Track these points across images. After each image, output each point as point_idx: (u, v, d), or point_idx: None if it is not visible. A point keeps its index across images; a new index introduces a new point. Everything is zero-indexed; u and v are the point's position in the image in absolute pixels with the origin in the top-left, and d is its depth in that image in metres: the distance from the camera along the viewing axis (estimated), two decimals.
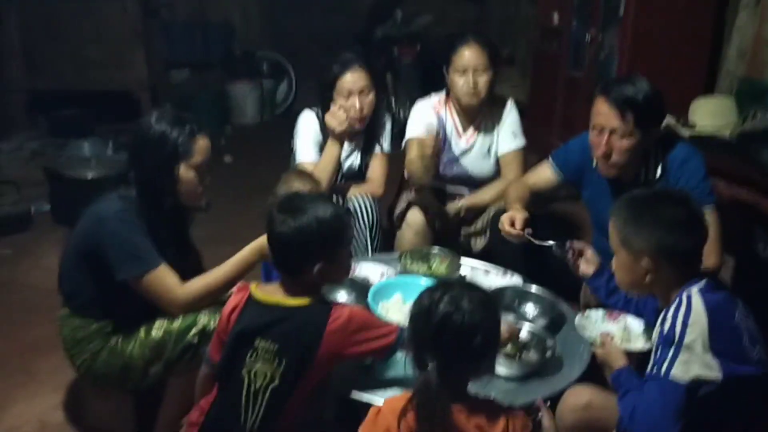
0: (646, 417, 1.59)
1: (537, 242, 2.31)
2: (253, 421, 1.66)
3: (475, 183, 3.01)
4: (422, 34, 6.20)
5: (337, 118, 2.78)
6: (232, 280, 2.04)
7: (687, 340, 1.59)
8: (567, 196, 3.78)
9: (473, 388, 1.54)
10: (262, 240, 2.01)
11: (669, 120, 3.43)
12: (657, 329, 1.68)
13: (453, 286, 1.54)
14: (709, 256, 2.13)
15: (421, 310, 1.51)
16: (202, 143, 2.08)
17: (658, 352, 1.63)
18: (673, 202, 1.76)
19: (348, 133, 2.84)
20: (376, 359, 1.84)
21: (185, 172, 2.06)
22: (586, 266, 2.11)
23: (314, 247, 1.68)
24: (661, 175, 2.32)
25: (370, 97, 2.86)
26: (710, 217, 2.13)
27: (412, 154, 2.79)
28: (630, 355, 1.82)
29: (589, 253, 2.12)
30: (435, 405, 1.45)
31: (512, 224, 2.38)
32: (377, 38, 6.08)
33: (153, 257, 1.98)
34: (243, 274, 2.05)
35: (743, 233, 3.10)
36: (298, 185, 2.29)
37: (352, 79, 2.81)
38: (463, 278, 2.40)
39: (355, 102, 2.81)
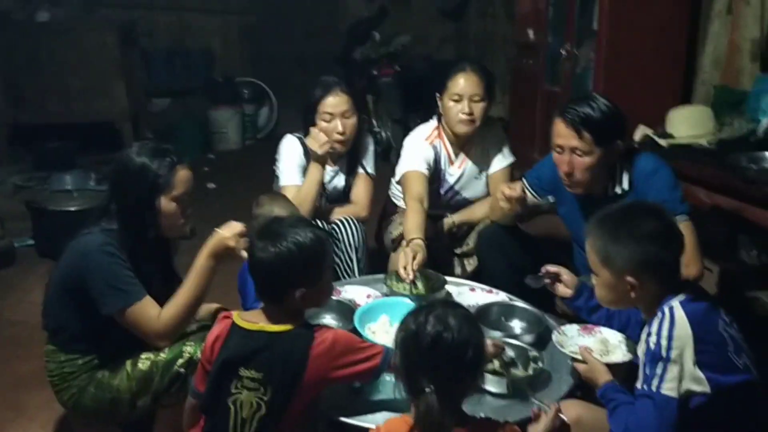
0: None
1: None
2: None
3: (468, 205, 3.03)
4: (401, 54, 6.25)
5: (318, 140, 2.79)
6: (198, 293, 2.02)
7: (674, 354, 1.60)
8: (550, 209, 3.81)
9: (466, 407, 1.54)
10: (210, 243, 2.00)
11: (646, 131, 3.48)
12: (642, 344, 1.68)
13: (434, 306, 1.55)
14: (690, 266, 2.16)
15: (409, 335, 1.51)
16: (183, 174, 2.07)
17: (647, 369, 1.63)
18: (647, 214, 1.77)
19: (330, 155, 2.85)
20: (363, 382, 1.83)
21: (166, 204, 2.04)
22: (565, 289, 2.12)
23: (295, 273, 1.67)
24: (629, 188, 2.36)
25: (352, 119, 2.87)
26: (685, 226, 2.15)
27: (415, 191, 2.75)
28: (612, 367, 1.83)
29: (565, 275, 2.13)
30: (440, 430, 1.45)
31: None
32: (357, 60, 6.12)
33: (136, 290, 1.97)
34: (207, 282, 2.03)
35: (726, 241, 3.13)
36: (278, 209, 2.30)
37: (334, 102, 2.83)
38: (448, 297, 2.40)
39: (338, 125, 2.83)
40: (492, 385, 1.89)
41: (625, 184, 2.36)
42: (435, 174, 2.90)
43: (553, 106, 4.73)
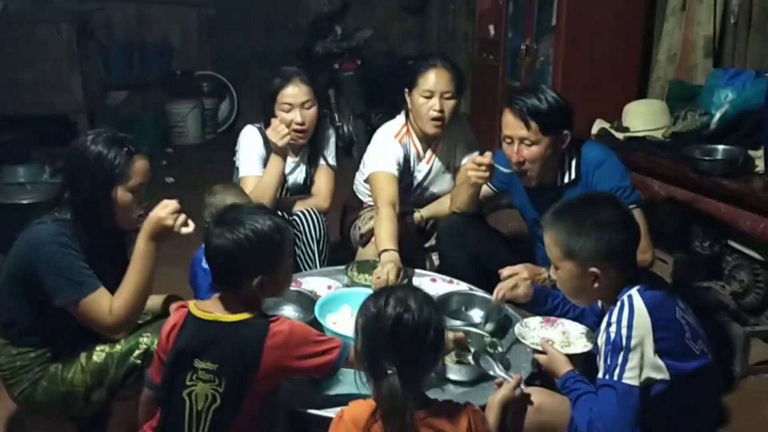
0: (606, 425, 1.61)
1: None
2: None
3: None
4: (363, 48, 6.24)
5: (278, 132, 2.76)
6: (144, 278, 1.97)
7: (633, 343, 1.62)
8: (508, 204, 3.85)
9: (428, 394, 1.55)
10: (146, 225, 1.96)
11: (603, 124, 3.54)
12: (602, 334, 1.70)
13: (394, 289, 1.56)
14: (645, 252, 2.22)
15: (370, 318, 1.51)
16: (140, 164, 2.01)
17: (608, 360, 1.65)
18: (605, 204, 1.81)
19: (291, 147, 2.82)
20: (320, 377, 1.80)
21: (122, 195, 1.99)
22: (524, 298, 2.14)
23: (253, 260, 1.65)
24: (576, 178, 2.41)
25: (312, 110, 2.85)
26: (637, 214, 2.19)
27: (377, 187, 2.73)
28: (572, 358, 1.84)
29: (520, 289, 2.13)
30: (403, 412, 1.45)
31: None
32: (318, 54, 6.08)
33: (90, 281, 1.93)
34: (151, 266, 1.97)
35: (680, 232, 3.20)
36: (230, 198, 2.26)
37: (293, 92, 2.80)
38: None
39: (297, 115, 2.80)
40: (454, 373, 1.90)
41: (573, 174, 2.41)
42: (404, 171, 2.86)
43: None
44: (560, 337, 1.99)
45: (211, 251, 1.69)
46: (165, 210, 1.96)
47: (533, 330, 2.02)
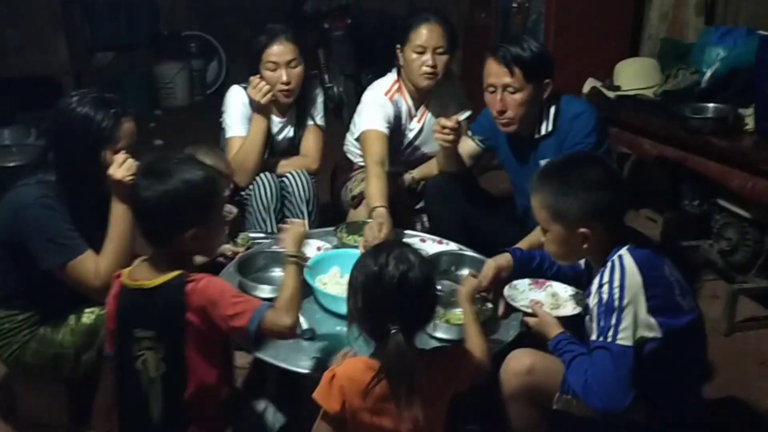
0: (602, 386, 1.61)
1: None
2: (159, 410, 1.63)
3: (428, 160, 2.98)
4: (352, 7, 6.13)
5: (259, 89, 2.72)
6: (124, 238, 1.95)
7: (626, 302, 1.62)
8: (498, 165, 3.84)
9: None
10: (111, 188, 1.93)
11: (595, 83, 3.51)
12: (594, 295, 1.69)
13: (390, 246, 1.54)
14: None
15: (371, 277, 1.49)
16: (127, 126, 1.98)
17: (602, 321, 1.65)
18: (589, 164, 1.80)
19: (277, 106, 2.78)
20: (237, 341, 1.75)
21: (110, 158, 1.95)
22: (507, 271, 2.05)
23: (186, 211, 1.61)
24: (553, 129, 2.44)
25: (298, 69, 2.80)
26: None
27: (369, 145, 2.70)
28: (561, 320, 1.84)
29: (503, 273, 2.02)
30: (412, 369, 1.45)
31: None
32: (307, 13, 5.97)
33: (76, 244, 1.91)
34: (128, 225, 1.95)
35: (670, 190, 3.21)
36: (201, 157, 2.22)
37: (279, 50, 2.75)
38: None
39: (282, 74, 2.76)
40: (442, 332, 1.91)
41: (551, 126, 2.44)
42: (396, 130, 2.84)
43: None
44: (549, 300, 1.98)
45: (140, 204, 1.64)
46: (121, 170, 1.92)
47: (522, 292, 2.01)
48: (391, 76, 2.89)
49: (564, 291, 2.02)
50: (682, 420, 1.76)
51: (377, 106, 2.80)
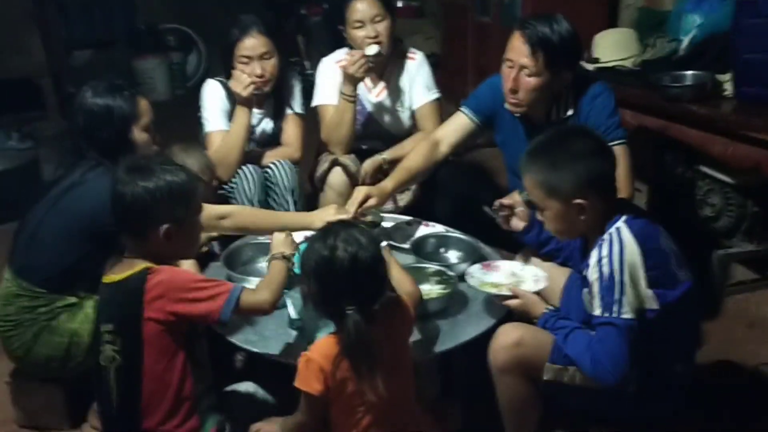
0: (612, 362, 1.62)
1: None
2: (114, 403, 1.67)
3: (392, 139, 2.99)
4: None
5: (241, 82, 2.71)
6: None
7: (626, 276, 1.63)
8: (485, 143, 3.83)
9: None
10: None
11: None
12: (593, 269, 1.68)
13: (336, 230, 1.57)
14: (622, 190, 2.18)
15: (323, 261, 1.52)
16: (144, 103, 2.16)
17: (604, 296, 1.65)
18: (574, 136, 1.80)
19: (255, 97, 2.77)
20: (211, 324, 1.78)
21: (139, 135, 2.13)
22: (518, 223, 2.12)
23: (160, 207, 1.65)
24: (572, 114, 2.34)
25: (272, 60, 2.79)
26: (620, 150, 2.18)
27: (329, 121, 2.76)
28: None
29: (520, 209, 2.12)
30: (370, 345, 1.49)
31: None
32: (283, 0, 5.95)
33: None
34: None
35: (653, 160, 3.22)
36: (190, 161, 2.30)
37: (251, 44, 2.74)
38: (383, 232, 2.41)
39: (255, 68, 2.75)
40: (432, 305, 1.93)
41: (570, 111, 2.35)
42: None
43: (485, 39, 4.74)
44: (510, 279, 1.99)
45: (117, 197, 1.68)
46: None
47: (478, 278, 1.99)
48: (343, 51, 2.92)
49: (517, 267, 2.03)
50: (672, 386, 1.78)
51: (329, 77, 2.89)
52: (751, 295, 2.85)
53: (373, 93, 2.95)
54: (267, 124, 2.96)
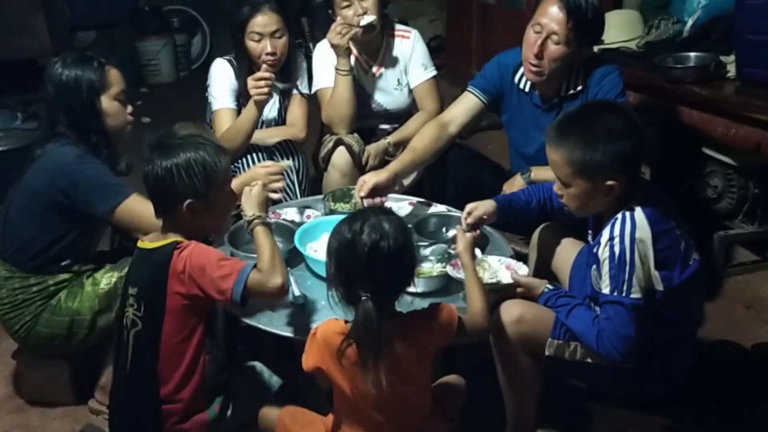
0: (620, 340, 1.64)
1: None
2: (128, 365, 1.70)
3: (393, 117, 3.01)
4: None
5: (257, 86, 2.62)
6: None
7: (637, 257, 1.63)
8: (488, 126, 3.84)
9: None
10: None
11: None
12: (604, 248, 1.67)
13: (367, 214, 1.55)
14: None
15: (344, 244, 1.50)
16: (114, 73, 2.17)
17: (614, 275, 1.64)
18: (608, 112, 1.74)
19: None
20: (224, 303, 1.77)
21: (108, 104, 2.14)
22: (491, 216, 2.08)
23: (183, 183, 1.67)
24: (581, 90, 2.35)
25: (283, 39, 2.79)
26: None
27: (329, 101, 2.77)
28: (505, 289, 1.89)
29: (485, 216, 2.06)
30: (379, 337, 1.47)
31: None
32: None
33: (125, 186, 2.06)
34: None
35: (657, 141, 3.22)
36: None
37: (263, 21, 2.74)
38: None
39: (267, 45, 2.74)
40: (422, 286, 1.91)
41: (579, 87, 2.36)
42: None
43: (489, 20, 4.73)
44: (488, 273, 1.98)
45: (144, 177, 1.73)
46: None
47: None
48: None
49: (495, 261, 2.04)
50: (672, 364, 1.80)
51: (324, 61, 2.89)
52: (750, 276, 2.87)
53: (369, 74, 2.95)
54: (274, 105, 2.96)
